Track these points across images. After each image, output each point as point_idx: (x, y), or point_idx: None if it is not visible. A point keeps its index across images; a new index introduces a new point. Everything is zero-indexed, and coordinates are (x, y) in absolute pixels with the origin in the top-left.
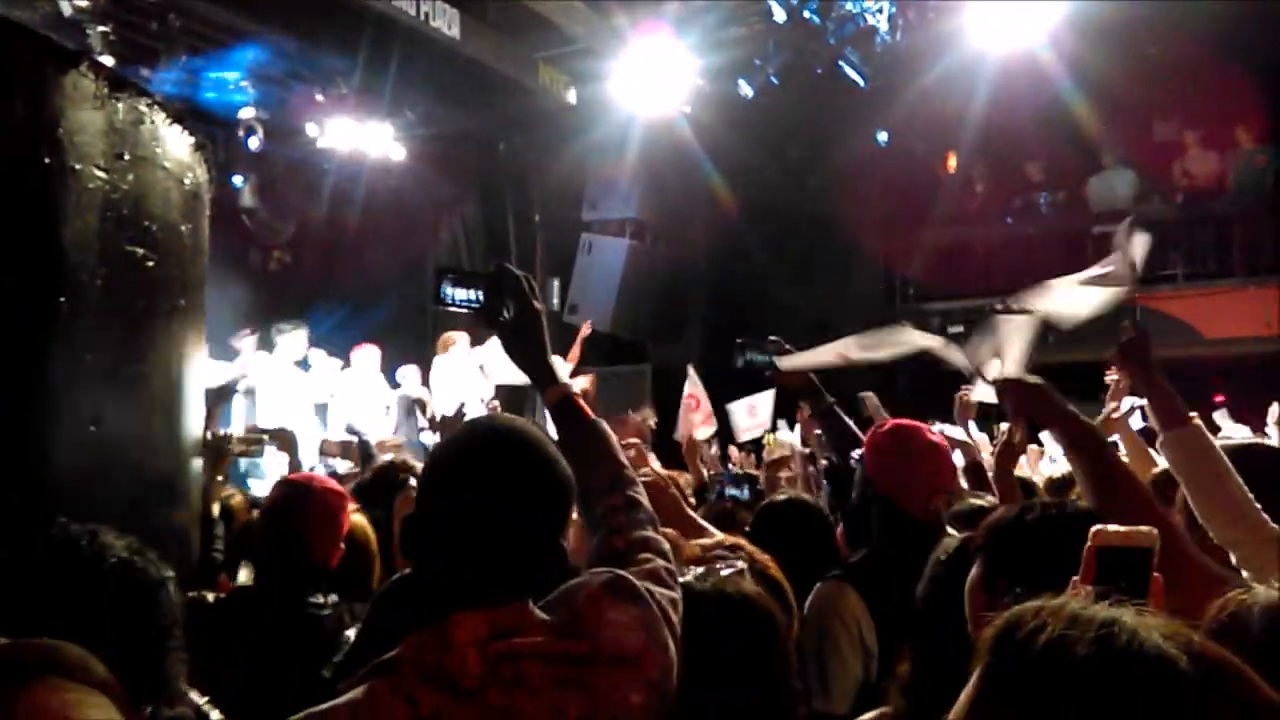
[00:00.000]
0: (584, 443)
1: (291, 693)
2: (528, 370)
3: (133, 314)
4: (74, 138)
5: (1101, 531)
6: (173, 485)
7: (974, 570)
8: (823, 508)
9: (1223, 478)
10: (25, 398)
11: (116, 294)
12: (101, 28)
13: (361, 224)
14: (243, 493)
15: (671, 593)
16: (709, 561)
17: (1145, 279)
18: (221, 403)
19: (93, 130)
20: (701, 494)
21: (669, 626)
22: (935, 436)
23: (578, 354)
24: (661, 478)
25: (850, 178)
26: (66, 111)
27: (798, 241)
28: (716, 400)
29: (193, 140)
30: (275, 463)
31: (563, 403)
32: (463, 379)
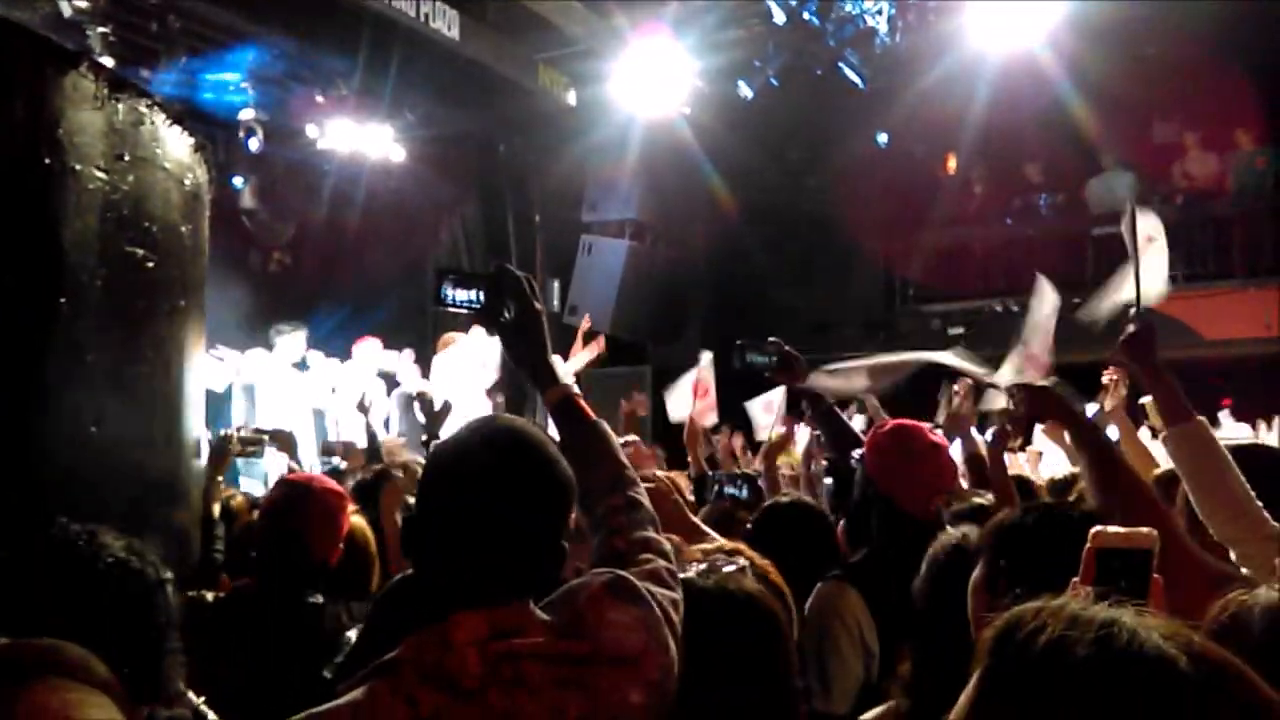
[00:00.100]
0: (585, 443)
1: (291, 693)
2: (528, 371)
3: (133, 315)
4: (74, 138)
5: (1101, 533)
6: (173, 485)
7: (977, 571)
8: (824, 510)
9: (1225, 475)
10: (26, 398)
11: (117, 295)
12: (101, 29)
13: (361, 225)
14: (243, 494)
15: (672, 593)
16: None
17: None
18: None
19: (93, 131)
20: (700, 486)
21: (670, 627)
22: (936, 437)
23: (581, 350)
24: (664, 483)
25: (850, 179)
26: (66, 112)
27: (797, 243)
28: (717, 401)
29: (193, 141)
30: (275, 463)
31: (563, 403)
32: (462, 376)
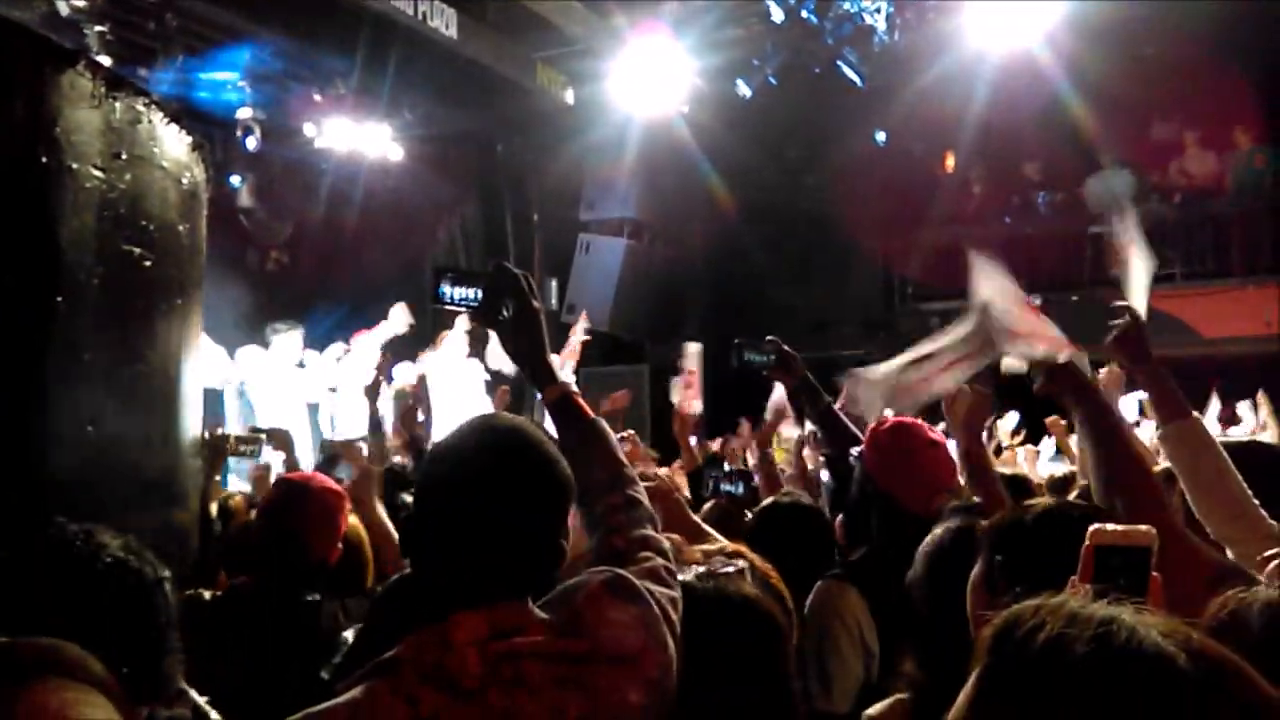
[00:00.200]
0: (583, 442)
1: (289, 691)
2: (526, 369)
3: (130, 314)
4: (71, 137)
5: (1100, 530)
6: (170, 484)
7: (976, 569)
8: (822, 510)
9: (1222, 473)
10: (23, 397)
11: (114, 293)
12: (99, 27)
13: (359, 224)
14: (241, 493)
15: (671, 591)
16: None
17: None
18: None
19: (90, 129)
20: (696, 482)
21: (669, 625)
22: (935, 434)
23: (577, 349)
24: (665, 482)
25: (848, 178)
26: (64, 111)
27: (796, 241)
28: (716, 400)
29: (190, 140)
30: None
31: (562, 401)
32: (457, 374)
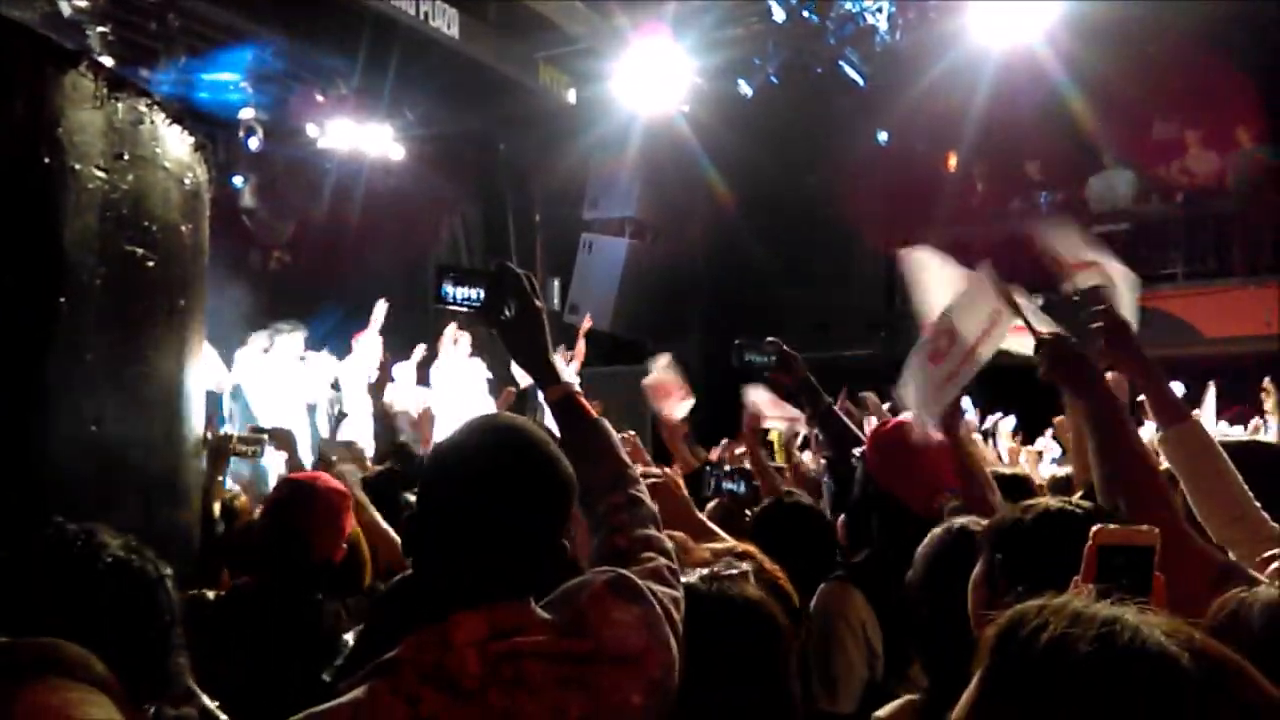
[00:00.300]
0: (586, 441)
1: (292, 691)
2: (529, 369)
3: (133, 314)
4: (74, 137)
5: (1103, 530)
6: (173, 485)
7: (977, 568)
8: (822, 510)
9: (1222, 475)
10: (25, 398)
11: (116, 294)
12: (101, 28)
13: (361, 224)
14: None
15: (674, 591)
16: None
17: (1145, 278)
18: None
19: (92, 130)
20: (697, 484)
21: (671, 625)
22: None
23: (582, 350)
24: (671, 479)
25: (850, 177)
26: (66, 111)
27: (798, 241)
28: (716, 401)
29: (192, 140)
30: (274, 462)
31: (564, 401)
32: (461, 377)
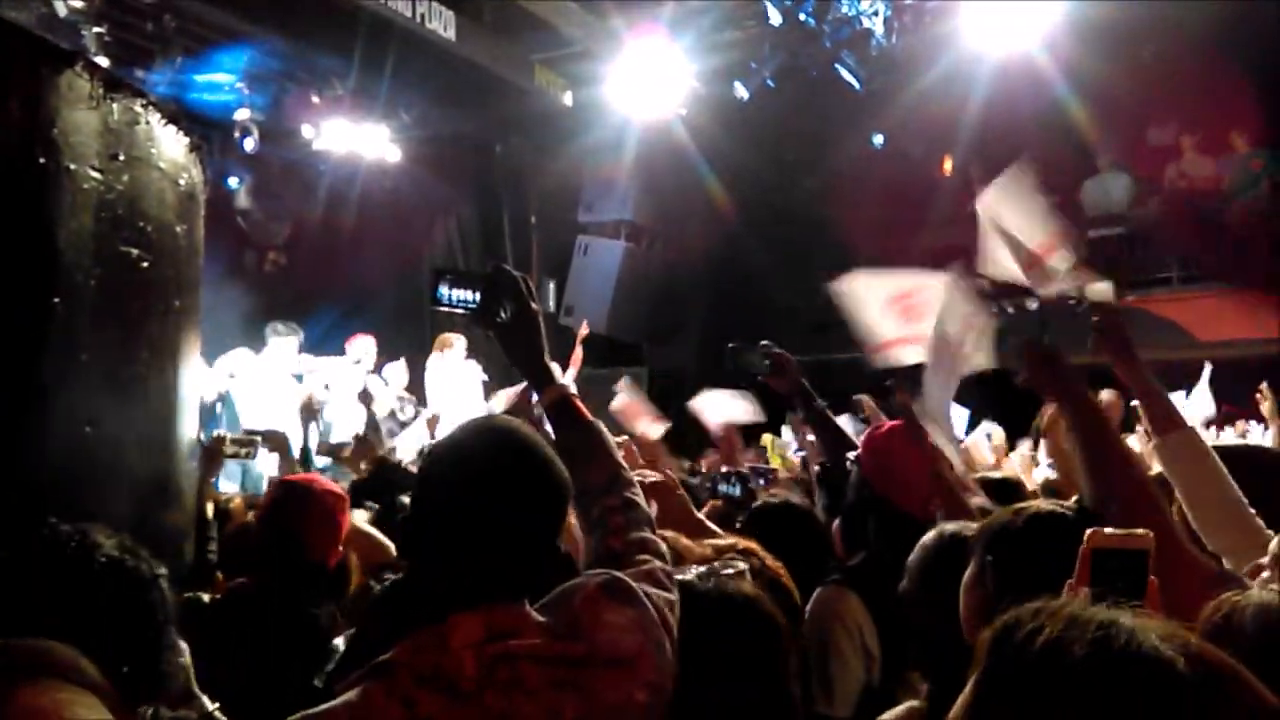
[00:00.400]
0: (581, 443)
1: (289, 693)
2: (525, 371)
3: (128, 315)
4: (69, 138)
5: (1097, 533)
6: (168, 486)
7: (969, 570)
8: (813, 510)
9: (1218, 483)
10: (20, 399)
11: (111, 295)
12: (97, 28)
13: (357, 226)
14: (241, 495)
15: (668, 594)
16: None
17: (1141, 282)
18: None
19: (88, 131)
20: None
21: (665, 628)
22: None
23: (580, 356)
24: (670, 479)
25: (846, 180)
26: (62, 112)
27: (794, 243)
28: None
29: (188, 141)
30: (267, 464)
31: (560, 403)
32: (459, 382)
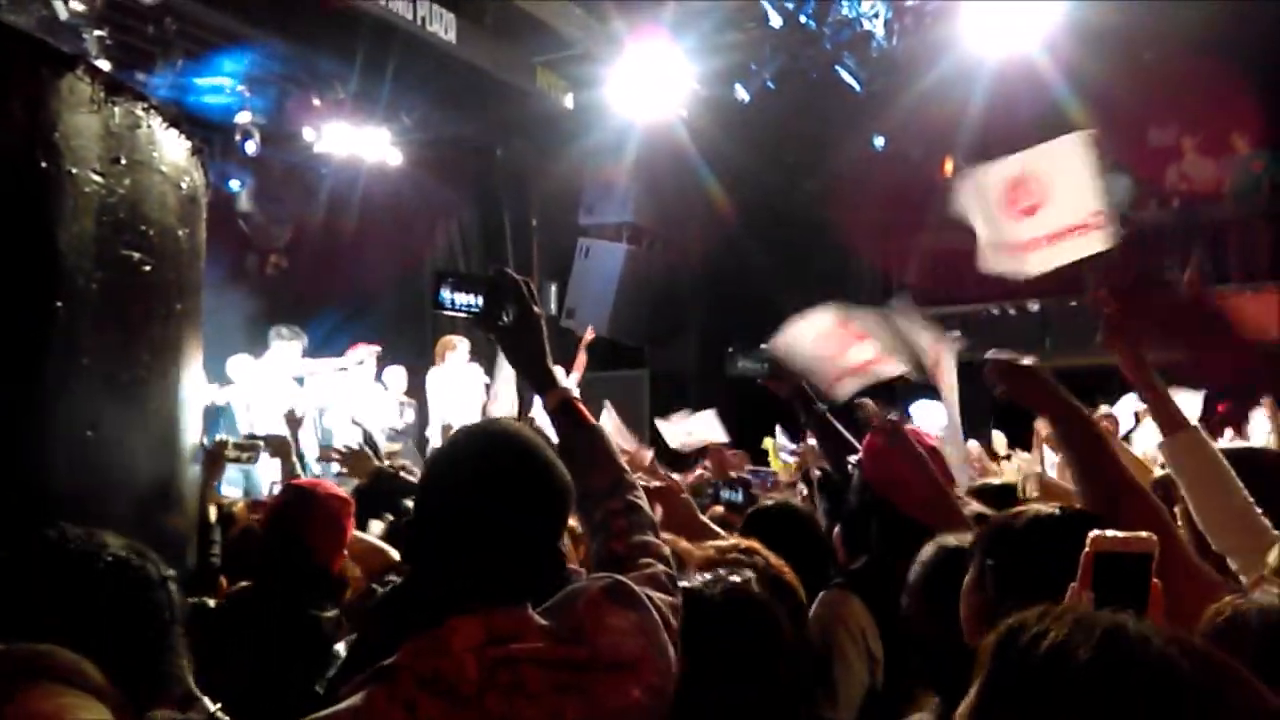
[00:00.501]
0: (584, 447)
1: (293, 696)
2: (528, 375)
3: (130, 318)
4: (70, 141)
5: (1100, 537)
6: (169, 490)
7: (968, 575)
8: (811, 512)
9: (1224, 483)
10: (22, 402)
11: (113, 298)
12: (98, 32)
13: (358, 229)
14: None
15: (671, 598)
16: (724, 564)
17: (1142, 284)
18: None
19: (89, 134)
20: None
21: (668, 632)
22: (933, 440)
23: (583, 360)
24: (674, 484)
25: (847, 182)
26: (63, 115)
27: (795, 246)
28: (715, 405)
29: (189, 144)
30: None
31: (563, 407)
32: (461, 386)
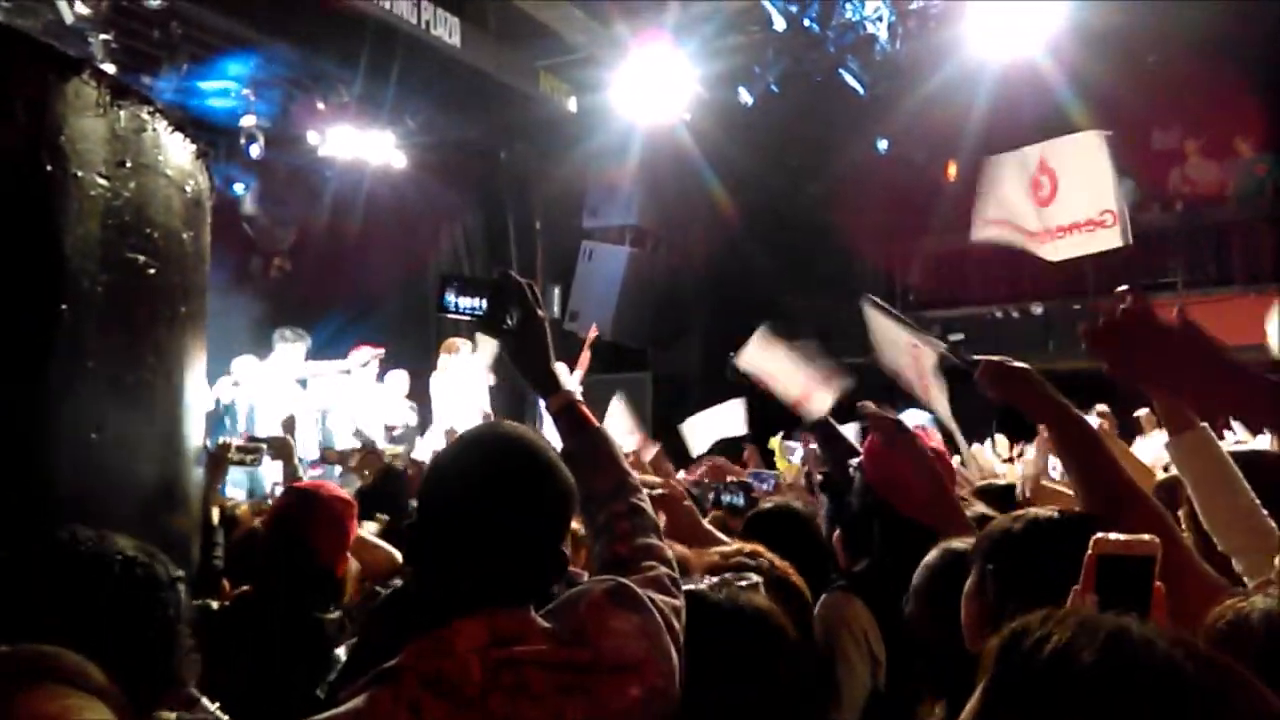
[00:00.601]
0: (587, 449)
1: (295, 699)
2: (532, 378)
3: (135, 321)
4: (76, 145)
5: (1103, 540)
6: (174, 492)
7: (969, 579)
8: (811, 514)
9: (1230, 484)
10: (27, 404)
11: (118, 301)
12: (104, 35)
13: (363, 232)
14: (248, 501)
15: (674, 600)
16: (729, 568)
17: (1144, 286)
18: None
19: (95, 137)
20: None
21: (671, 634)
22: (935, 443)
23: (587, 359)
24: (677, 490)
25: (850, 185)
26: (68, 119)
27: (798, 249)
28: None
29: (194, 148)
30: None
31: (567, 410)
32: (464, 387)
